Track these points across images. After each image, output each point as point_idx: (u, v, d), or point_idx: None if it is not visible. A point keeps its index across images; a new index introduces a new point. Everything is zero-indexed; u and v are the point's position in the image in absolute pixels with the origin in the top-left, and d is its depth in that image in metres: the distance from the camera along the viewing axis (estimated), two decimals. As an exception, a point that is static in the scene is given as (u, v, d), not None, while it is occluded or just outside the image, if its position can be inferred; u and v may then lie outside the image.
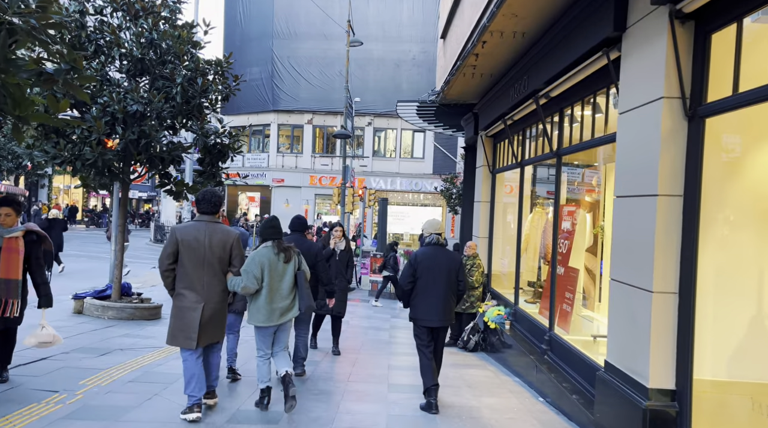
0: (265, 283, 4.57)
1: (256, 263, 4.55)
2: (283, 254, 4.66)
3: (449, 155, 29.01)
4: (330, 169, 30.16)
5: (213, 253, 4.45)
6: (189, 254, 4.41)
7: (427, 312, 5.06)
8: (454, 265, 5.21)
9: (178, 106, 9.01)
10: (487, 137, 9.30)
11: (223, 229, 4.57)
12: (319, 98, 29.41)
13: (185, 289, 4.44)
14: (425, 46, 28.83)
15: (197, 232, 4.46)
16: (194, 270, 4.42)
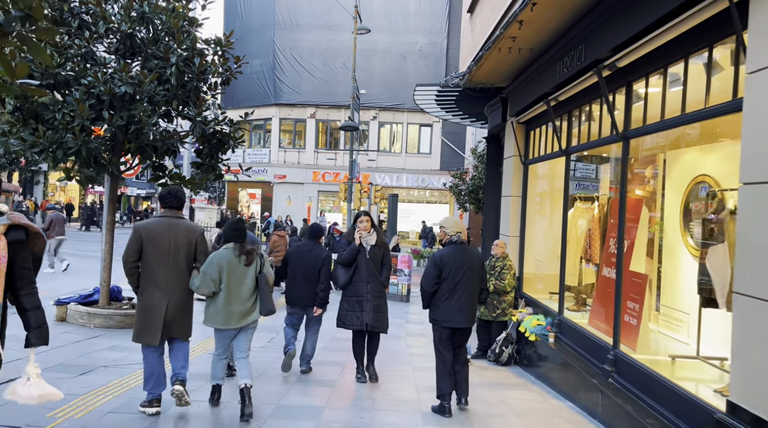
0: (224, 285, 4.50)
1: (213, 265, 4.48)
2: (245, 257, 4.56)
3: (457, 150, 28.01)
4: (334, 165, 29.16)
5: (178, 249, 4.41)
6: (153, 250, 4.37)
7: (451, 313, 4.90)
8: (479, 264, 5.09)
9: (172, 89, 8.03)
10: (518, 124, 8.30)
11: (188, 225, 4.57)
12: (323, 91, 28.40)
13: (150, 286, 4.41)
14: (432, 37, 27.81)
15: (162, 228, 4.41)
16: (159, 267, 4.38)
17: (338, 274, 5.79)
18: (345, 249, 5.83)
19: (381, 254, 5.81)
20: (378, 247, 5.82)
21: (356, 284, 5.65)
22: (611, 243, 5.73)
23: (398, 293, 14.21)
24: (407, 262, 14.24)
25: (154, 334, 4.36)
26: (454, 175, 23.91)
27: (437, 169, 28.32)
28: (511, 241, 8.42)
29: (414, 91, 9.79)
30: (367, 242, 5.74)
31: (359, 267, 5.64)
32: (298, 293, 5.85)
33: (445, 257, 4.91)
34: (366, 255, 5.70)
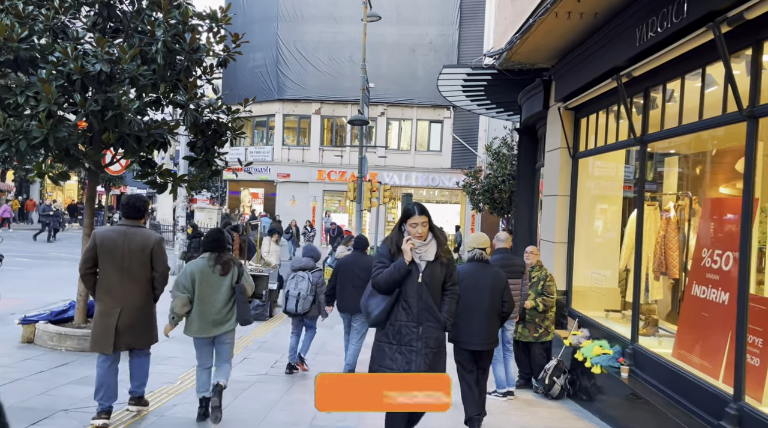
0: (197, 294, 4.59)
1: (186, 274, 4.63)
2: (220, 267, 4.66)
3: (469, 147, 26.73)
4: (340, 163, 27.90)
5: (132, 258, 4.47)
6: (107, 258, 4.45)
7: (470, 334, 4.77)
8: (500, 284, 4.89)
9: (159, 69, 6.79)
10: (566, 111, 7.04)
11: (144, 233, 4.62)
12: (328, 86, 27.15)
13: (104, 294, 4.48)
14: (443, 28, 26.54)
15: (116, 236, 4.49)
16: (113, 274, 4.45)
17: (370, 304, 3.63)
18: (383, 264, 3.59)
19: (443, 277, 3.66)
20: (440, 265, 3.62)
21: (400, 324, 3.56)
22: (706, 254, 4.47)
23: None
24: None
25: (106, 342, 4.38)
26: (468, 173, 22.64)
27: (448, 167, 27.05)
28: (557, 248, 7.16)
29: (439, 75, 8.51)
30: (422, 257, 3.54)
31: (407, 296, 3.53)
32: (347, 301, 6.34)
33: (461, 274, 4.56)
34: (418, 278, 3.52)
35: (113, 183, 37.45)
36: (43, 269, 15.00)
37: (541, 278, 6.33)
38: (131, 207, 4.64)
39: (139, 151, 7.17)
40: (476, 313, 4.74)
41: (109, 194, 40.55)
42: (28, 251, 18.91)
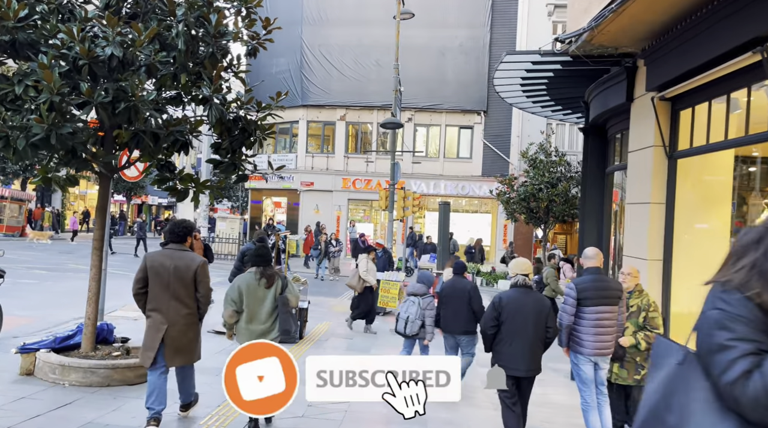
0: (245, 306, 4.98)
1: (234, 287, 5.08)
2: (265, 280, 5.03)
3: (501, 154, 25.54)
4: (365, 171, 26.91)
5: (177, 278, 4.84)
6: (156, 279, 4.86)
7: (512, 360, 4.80)
8: (543, 310, 4.91)
9: (180, 57, 5.82)
10: (662, 102, 5.87)
11: (189, 256, 5.00)
12: (353, 91, 26.22)
13: (153, 311, 4.88)
14: (474, 31, 25.47)
15: (164, 259, 4.93)
16: (161, 294, 4.85)
17: None
18: None
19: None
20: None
21: None
22: None
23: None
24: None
25: (152, 354, 4.72)
26: (502, 181, 21.45)
27: (479, 175, 25.86)
28: (650, 267, 5.97)
29: (498, 65, 7.39)
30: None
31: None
32: (450, 324, 6.77)
33: (504, 299, 4.90)
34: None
35: (134, 192, 37.03)
36: (59, 282, 14.18)
37: (643, 307, 5.16)
38: (172, 233, 5.08)
39: (156, 151, 6.19)
40: (519, 339, 4.80)
41: (130, 204, 40.10)
42: (46, 262, 18.17)
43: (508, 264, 20.57)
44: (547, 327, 4.89)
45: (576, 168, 20.92)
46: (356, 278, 10.00)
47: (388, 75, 26.07)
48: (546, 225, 20.83)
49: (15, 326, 8.76)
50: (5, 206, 27.54)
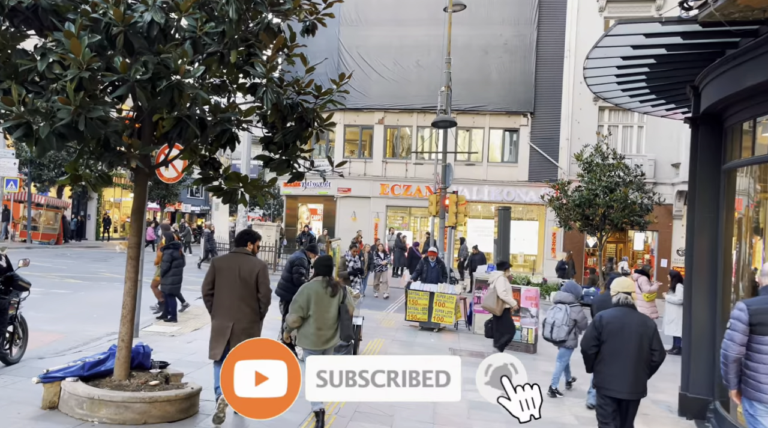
0: (312, 312, 5.30)
1: (304, 294, 5.39)
2: (330, 288, 5.41)
3: (549, 158, 24.15)
4: (404, 176, 25.85)
5: (242, 280, 5.25)
6: (223, 280, 5.28)
7: (614, 381, 4.68)
8: (648, 331, 4.70)
9: (229, 29, 4.86)
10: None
11: (252, 260, 5.44)
12: (392, 94, 25.23)
13: (219, 309, 5.27)
14: (520, 28, 24.24)
15: (230, 262, 5.44)
16: (226, 295, 5.24)
17: None
18: None
19: None
20: None
21: None
22: None
23: (522, 340, 10.57)
24: (534, 298, 10.60)
25: (220, 350, 5.01)
26: (555, 186, 20.10)
27: (525, 180, 24.51)
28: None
29: (600, 40, 6.21)
30: None
31: None
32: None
33: (605, 318, 4.77)
34: None
35: (167, 199, 36.67)
36: (92, 292, 13.45)
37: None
38: (240, 239, 5.62)
39: (203, 141, 5.22)
40: (621, 359, 4.66)
41: (164, 211, 39.82)
42: (80, 270, 17.56)
43: (565, 275, 19.17)
44: (653, 349, 4.70)
45: (635, 171, 19.48)
46: (493, 297, 8.84)
47: (428, 76, 25.05)
48: (602, 233, 19.39)
49: (42, 344, 7.92)
50: (41, 214, 27.36)
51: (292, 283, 8.45)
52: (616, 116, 23.76)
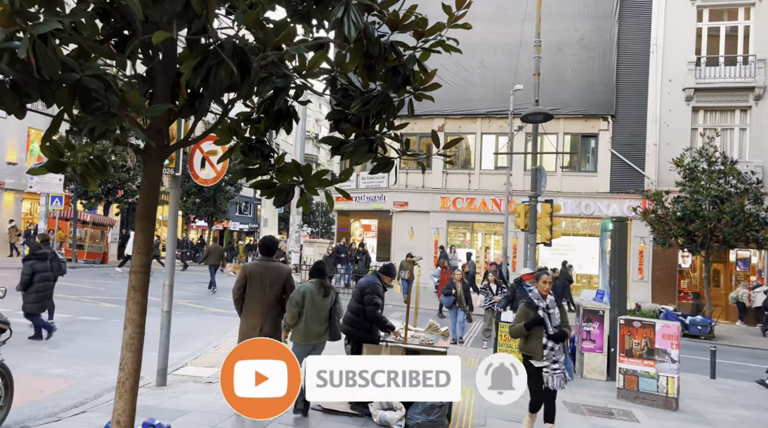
0: (305, 309, 5.71)
1: (299, 292, 5.79)
2: (323, 289, 5.85)
3: (634, 166, 21.35)
4: (467, 188, 23.55)
5: (270, 285, 5.81)
6: (252, 285, 5.80)
7: None
8: None
9: None
10: None
11: (279, 266, 5.98)
12: (454, 98, 23.07)
13: (249, 313, 5.78)
14: (598, 22, 21.72)
15: (259, 268, 5.86)
16: (256, 298, 5.76)
17: None
18: None
19: None
20: None
21: None
22: None
23: (658, 391, 8.05)
24: (674, 337, 8.05)
25: None
26: (646, 197, 17.37)
27: (605, 191, 21.75)
28: None
29: None
30: None
31: None
32: None
33: None
34: None
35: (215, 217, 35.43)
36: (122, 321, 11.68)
37: None
38: (264, 247, 6.08)
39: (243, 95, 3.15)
40: None
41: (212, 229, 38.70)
42: (118, 293, 15.98)
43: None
44: None
45: (749, 179, 16.58)
46: None
47: (494, 78, 22.80)
48: (708, 251, 16.47)
49: (41, 396, 6.03)
50: (87, 232, 26.43)
51: (363, 316, 6.31)
52: (712, 117, 20.80)
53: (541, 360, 5.64)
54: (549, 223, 10.91)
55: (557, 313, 5.74)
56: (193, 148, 6.27)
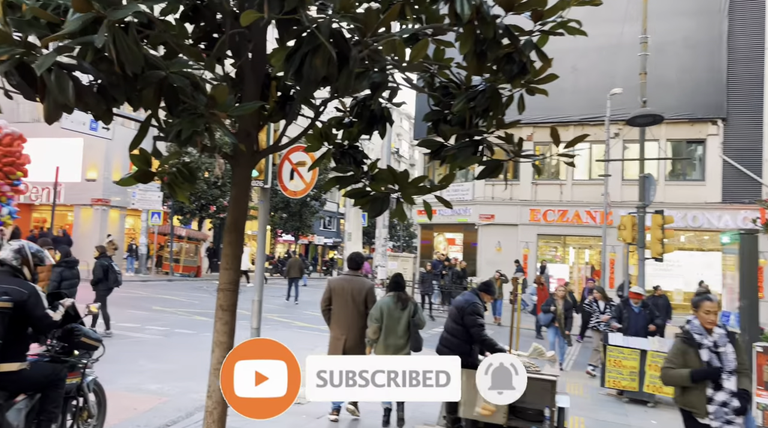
0: (384, 324, 5.84)
1: (377, 307, 5.93)
2: (400, 302, 5.93)
3: (750, 173, 19.30)
4: (558, 200, 22.35)
5: (353, 298, 6.04)
6: (337, 299, 6.08)
7: None
8: None
9: None
10: None
11: (361, 281, 6.23)
12: (543, 105, 21.91)
13: (335, 324, 6.09)
14: (704, 18, 20.03)
15: (344, 283, 6.17)
16: (341, 311, 6.05)
17: None
18: None
19: None
20: None
21: None
22: None
23: None
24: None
25: None
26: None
27: (716, 201, 19.82)
28: None
29: None
30: None
31: None
32: None
33: None
34: None
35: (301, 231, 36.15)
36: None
37: None
38: (352, 261, 6.38)
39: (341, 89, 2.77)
40: None
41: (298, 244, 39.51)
42: (210, 306, 16.38)
43: None
44: None
45: None
46: None
47: (586, 83, 21.56)
48: None
49: (134, 413, 5.97)
50: (182, 247, 27.68)
51: (463, 338, 5.77)
52: (842, 116, 18.44)
53: (705, 417, 4.12)
54: (660, 236, 9.83)
55: (731, 352, 4.13)
56: (282, 159, 6.06)
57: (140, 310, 14.17)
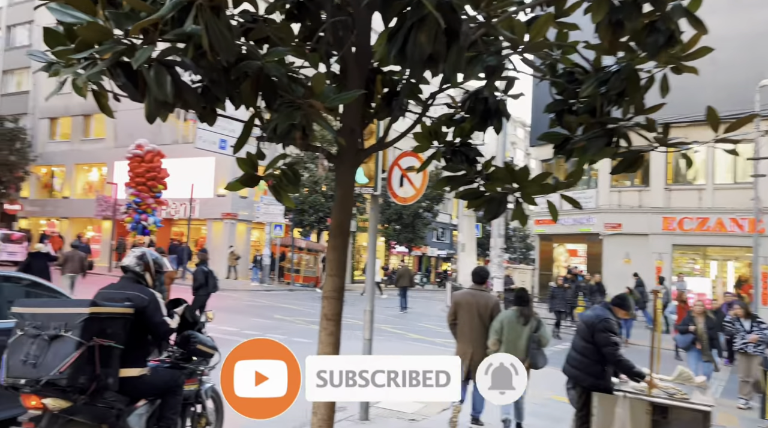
0: (504, 338, 5.77)
1: (498, 320, 5.91)
2: (522, 318, 5.83)
3: None
4: (697, 207, 20.14)
5: (477, 314, 6.01)
6: (462, 313, 6.08)
7: None
8: None
9: None
10: None
11: (486, 296, 6.25)
12: (675, 103, 19.93)
13: (460, 338, 6.09)
14: None
15: (469, 297, 6.16)
16: (466, 325, 6.05)
17: None
18: None
19: None
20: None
21: None
22: None
23: None
24: None
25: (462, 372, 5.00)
26: None
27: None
28: None
29: None
30: None
31: None
32: None
33: None
34: None
35: (414, 243, 36.11)
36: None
37: None
38: (476, 275, 6.34)
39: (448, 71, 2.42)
40: None
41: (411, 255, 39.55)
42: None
43: None
44: None
45: None
46: None
47: (726, 77, 19.26)
48: None
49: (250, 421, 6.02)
50: (302, 258, 28.77)
51: (593, 358, 5.14)
52: None
53: None
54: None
55: None
56: (391, 164, 5.86)
57: (263, 318, 14.74)
